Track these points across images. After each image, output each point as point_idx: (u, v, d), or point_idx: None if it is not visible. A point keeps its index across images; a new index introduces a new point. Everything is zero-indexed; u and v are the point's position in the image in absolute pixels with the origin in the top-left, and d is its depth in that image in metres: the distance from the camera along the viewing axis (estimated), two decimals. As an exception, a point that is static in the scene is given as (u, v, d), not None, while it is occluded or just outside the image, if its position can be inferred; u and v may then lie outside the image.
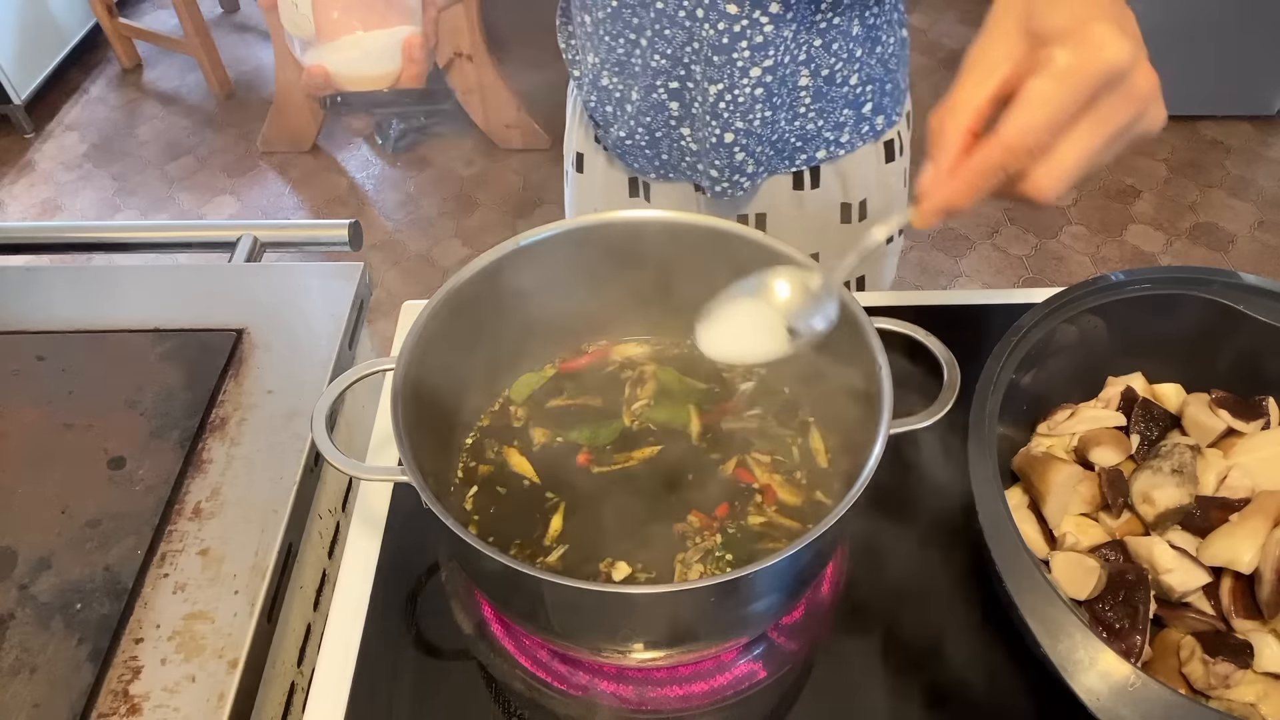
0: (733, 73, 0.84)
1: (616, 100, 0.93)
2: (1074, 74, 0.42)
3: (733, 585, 0.52)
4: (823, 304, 0.59)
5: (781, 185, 0.97)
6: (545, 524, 0.67)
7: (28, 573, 0.68)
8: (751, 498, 0.68)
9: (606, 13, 0.87)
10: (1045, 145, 0.44)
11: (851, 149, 0.95)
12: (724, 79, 0.84)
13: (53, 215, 2.75)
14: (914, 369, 0.66)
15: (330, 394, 0.61)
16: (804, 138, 0.92)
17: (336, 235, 1.04)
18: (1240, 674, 0.56)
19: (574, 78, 1.00)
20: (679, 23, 0.83)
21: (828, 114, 0.91)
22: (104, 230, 1.10)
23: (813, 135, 0.93)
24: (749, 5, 0.80)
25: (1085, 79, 0.42)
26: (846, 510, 0.53)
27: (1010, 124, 0.44)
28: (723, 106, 0.86)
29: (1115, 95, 0.43)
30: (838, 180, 0.98)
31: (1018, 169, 0.45)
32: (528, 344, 0.76)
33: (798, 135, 0.92)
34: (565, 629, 0.59)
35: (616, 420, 0.74)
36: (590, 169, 1.05)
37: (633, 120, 0.93)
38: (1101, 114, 0.43)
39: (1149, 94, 0.43)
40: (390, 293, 2.47)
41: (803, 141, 0.93)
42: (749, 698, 0.63)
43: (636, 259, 0.72)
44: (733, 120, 0.87)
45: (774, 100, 0.87)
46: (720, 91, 0.85)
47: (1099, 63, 0.42)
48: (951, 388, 0.60)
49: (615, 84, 0.92)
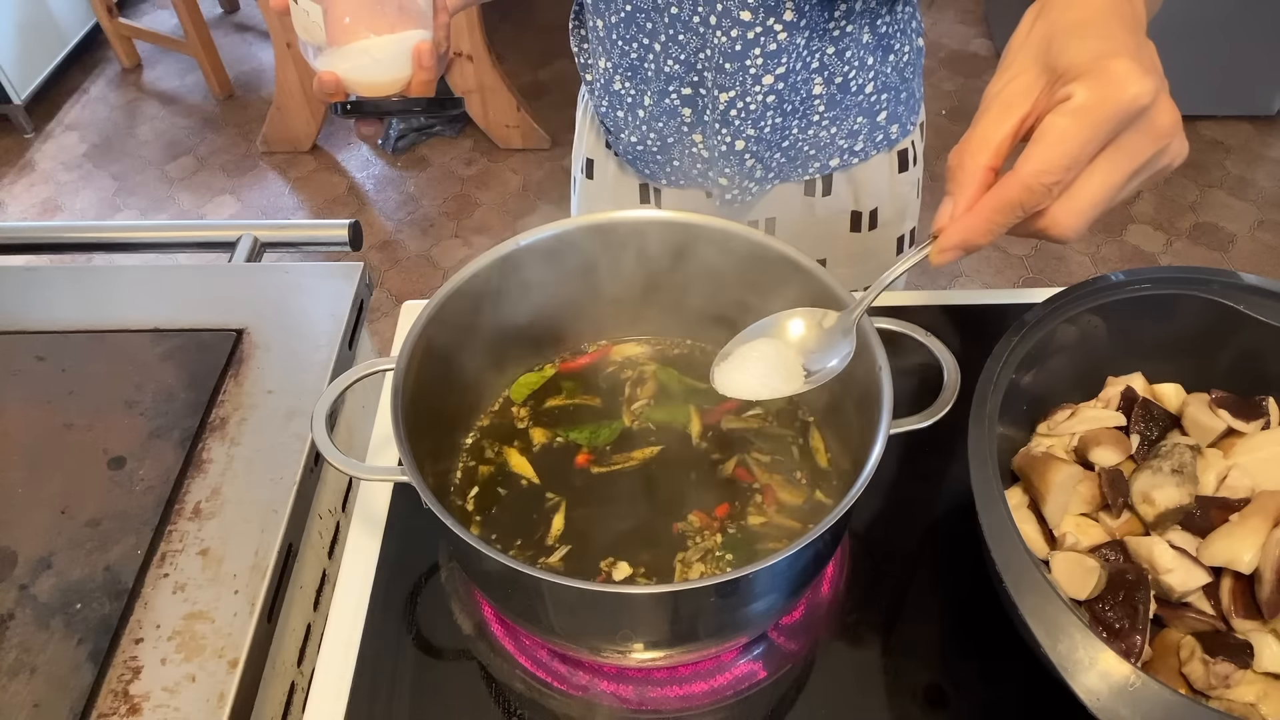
0: (745, 80, 0.84)
1: (628, 106, 0.93)
2: (1094, 111, 0.42)
3: (733, 585, 0.52)
4: (838, 343, 0.59)
5: (792, 192, 0.97)
6: (546, 524, 0.67)
7: (28, 573, 0.68)
8: (751, 498, 0.68)
9: (620, 17, 0.87)
10: (1065, 183, 0.43)
11: (865, 157, 0.95)
12: (736, 86, 0.84)
13: (53, 215, 2.75)
14: (914, 369, 0.66)
15: (330, 394, 0.61)
16: (817, 145, 0.92)
17: (336, 235, 1.04)
18: (1240, 674, 0.56)
19: (586, 82, 1.00)
20: (693, 29, 0.83)
21: (841, 122, 0.91)
22: (104, 230, 1.10)
23: (826, 143, 0.92)
24: (762, 13, 0.79)
25: (1105, 117, 0.42)
26: (846, 510, 0.53)
27: (1029, 162, 0.43)
28: (734, 114, 0.86)
29: (1136, 132, 0.42)
30: (849, 188, 0.97)
31: (1038, 207, 0.44)
32: (528, 344, 0.76)
33: (810, 143, 0.92)
34: (565, 629, 0.59)
35: (616, 420, 0.74)
36: (600, 175, 1.04)
37: (644, 126, 0.93)
38: (1122, 151, 0.43)
39: (1170, 130, 0.43)
40: (390, 293, 2.47)
41: (815, 149, 0.93)
42: (749, 698, 0.64)
43: (637, 259, 0.72)
44: (744, 128, 0.87)
45: (785, 108, 0.87)
46: (732, 99, 0.85)
47: (1120, 100, 0.41)
48: (951, 388, 0.60)
49: (628, 89, 0.92)
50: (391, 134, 2.91)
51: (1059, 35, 0.44)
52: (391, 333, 0.89)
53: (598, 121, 1.01)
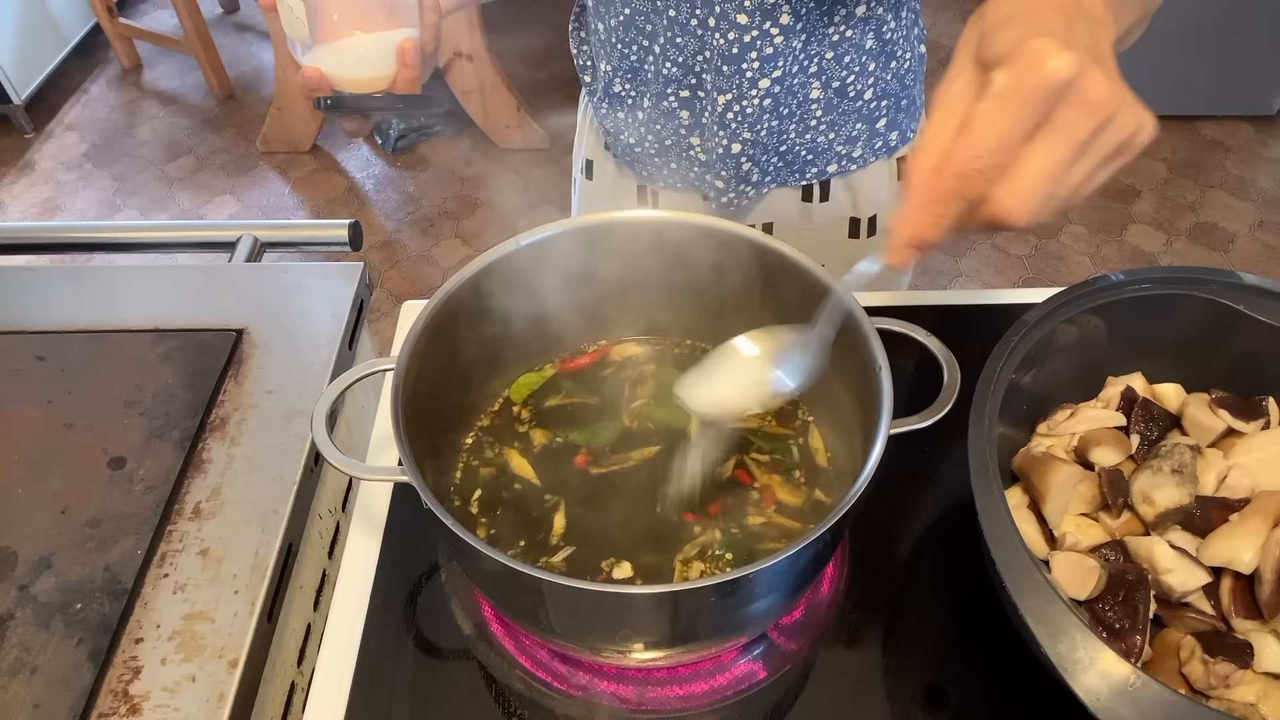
0: (741, 83, 0.84)
1: (628, 107, 0.93)
2: (1013, 92, 0.42)
3: (733, 585, 0.52)
4: (810, 356, 0.59)
5: (790, 197, 0.97)
6: (547, 525, 0.67)
7: (28, 573, 0.68)
8: (751, 498, 0.68)
9: (620, 20, 0.87)
10: (999, 166, 0.44)
11: (864, 164, 0.95)
12: (733, 89, 0.84)
13: (53, 215, 2.75)
14: (914, 369, 0.66)
15: (330, 394, 0.61)
16: (814, 150, 0.92)
17: (336, 235, 1.04)
18: (1240, 674, 0.56)
19: (585, 84, 1.00)
20: (691, 31, 0.82)
21: (839, 127, 0.91)
22: (104, 230, 1.10)
23: (824, 148, 0.92)
24: (759, 16, 0.79)
25: (1025, 95, 0.42)
26: (845, 511, 0.53)
27: (958, 150, 0.44)
28: (730, 116, 0.86)
29: (1068, 107, 0.43)
30: (848, 195, 0.97)
31: (975, 193, 0.45)
32: (528, 344, 0.76)
33: (807, 148, 0.91)
34: (566, 629, 0.59)
35: (616, 420, 0.74)
36: (600, 176, 1.05)
37: (643, 128, 0.93)
38: (1058, 128, 0.43)
39: (1106, 101, 0.43)
40: (390, 293, 2.47)
41: (813, 154, 0.92)
42: (749, 698, 0.64)
43: (637, 259, 0.72)
44: (740, 130, 0.87)
45: (782, 111, 0.87)
46: (729, 101, 0.85)
47: (1037, 77, 0.42)
48: (951, 388, 0.60)
49: (627, 90, 0.92)
50: (391, 134, 2.91)
51: (989, 31, 0.45)
52: (391, 333, 0.89)
53: (597, 123, 1.01)
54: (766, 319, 0.63)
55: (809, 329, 0.59)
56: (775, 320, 0.62)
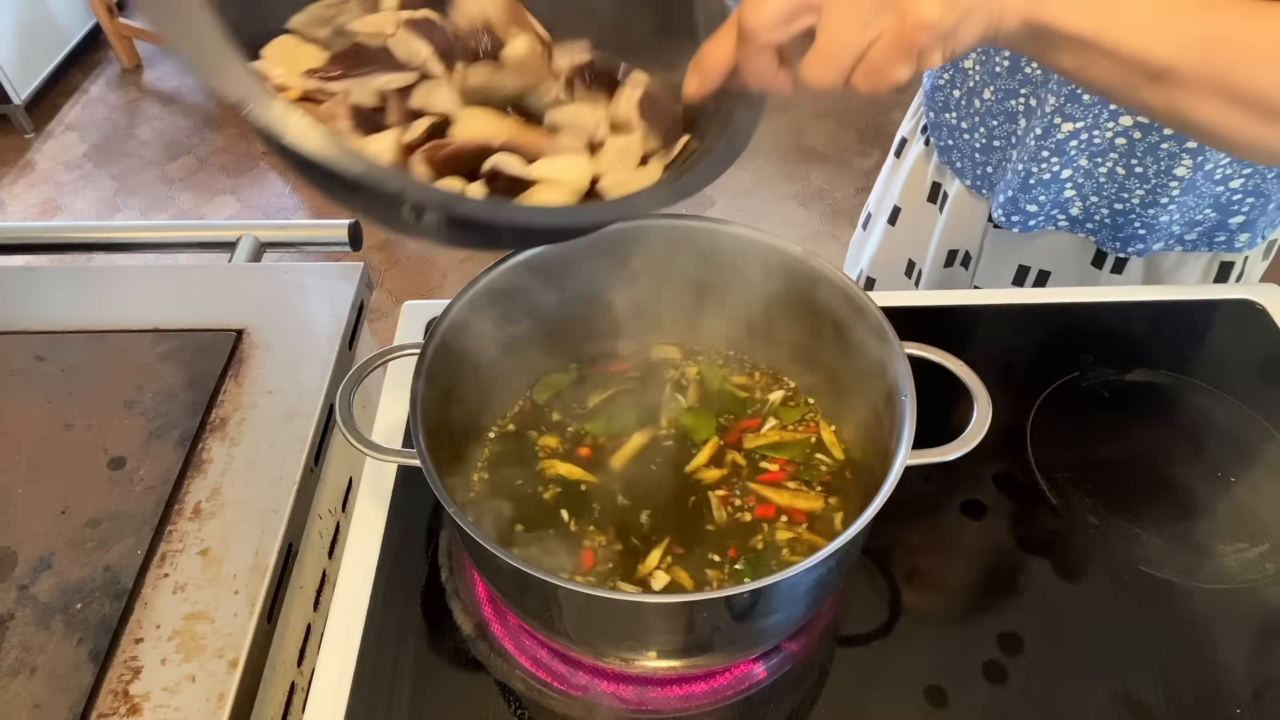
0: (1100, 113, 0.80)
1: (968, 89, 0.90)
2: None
3: (748, 597, 0.52)
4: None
5: (1082, 251, 0.91)
6: (565, 527, 0.67)
7: (28, 573, 0.68)
8: (769, 522, 0.68)
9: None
10: (777, 27, 0.48)
11: (1192, 248, 0.88)
12: (1087, 117, 0.80)
13: (53, 215, 2.75)
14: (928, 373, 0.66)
15: (358, 374, 0.62)
16: (1148, 225, 0.86)
17: (336, 235, 1.04)
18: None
19: None
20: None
21: (1188, 210, 0.84)
22: (104, 230, 1.10)
23: (1163, 227, 0.86)
24: None
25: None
26: (856, 534, 0.53)
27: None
28: (1073, 145, 0.82)
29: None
30: (1142, 270, 0.91)
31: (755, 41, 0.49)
32: (554, 344, 0.76)
33: (1143, 221, 0.85)
34: (580, 634, 0.59)
35: (639, 424, 0.73)
36: (906, 157, 1.05)
37: (977, 117, 0.90)
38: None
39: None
40: (390, 293, 2.47)
41: (1146, 230, 0.86)
42: (749, 698, 0.64)
43: (665, 263, 0.72)
44: (1078, 159, 0.83)
45: (1134, 167, 0.82)
46: (1075, 129, 0.81)
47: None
48: (982, 423, 0.58)
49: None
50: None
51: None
52: (391, 333, 0.89)
53: (924, 101, 0.98)
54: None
55: None
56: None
